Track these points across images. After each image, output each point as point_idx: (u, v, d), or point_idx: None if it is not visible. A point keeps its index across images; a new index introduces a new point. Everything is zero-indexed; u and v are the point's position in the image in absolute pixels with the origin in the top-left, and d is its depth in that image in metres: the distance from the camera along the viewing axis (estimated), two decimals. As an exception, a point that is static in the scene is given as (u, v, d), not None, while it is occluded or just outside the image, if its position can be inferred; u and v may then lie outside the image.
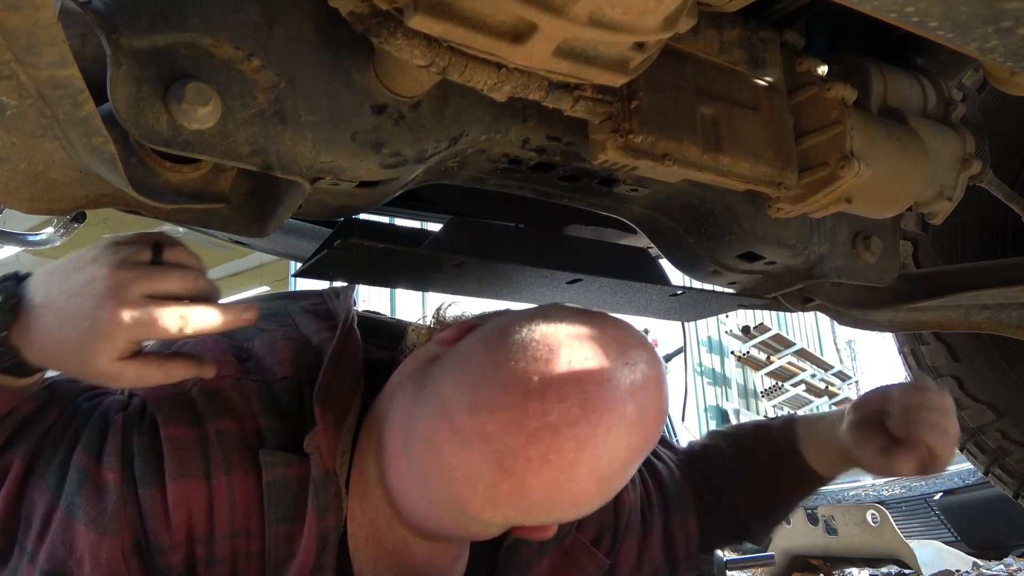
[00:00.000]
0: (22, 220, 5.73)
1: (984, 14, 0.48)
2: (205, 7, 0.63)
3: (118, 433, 0.77)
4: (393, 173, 0.76)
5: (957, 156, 1.05)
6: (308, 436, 0.79)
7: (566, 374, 0.68)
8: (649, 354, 0.75)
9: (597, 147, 0.78)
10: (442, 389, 0.73)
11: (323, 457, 0.79)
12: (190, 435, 0.77)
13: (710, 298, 1.17)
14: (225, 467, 0.77)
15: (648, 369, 0.73)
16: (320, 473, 0.79)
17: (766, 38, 0.89)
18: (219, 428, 0.78)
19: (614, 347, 0.71)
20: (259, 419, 0.80)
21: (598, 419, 0.67)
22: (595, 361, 0.69)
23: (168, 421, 0.78)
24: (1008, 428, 1.81)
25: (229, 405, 0.80)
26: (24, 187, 0.67)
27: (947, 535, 4.36)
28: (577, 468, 0.67)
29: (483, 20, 0.56)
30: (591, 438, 0.67)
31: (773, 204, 0.92)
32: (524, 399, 0.67)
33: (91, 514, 0.72)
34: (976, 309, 1.34)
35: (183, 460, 0.76)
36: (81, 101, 0.53)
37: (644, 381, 0.71)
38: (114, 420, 0.78)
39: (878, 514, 3.60)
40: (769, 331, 11.32)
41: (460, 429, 0.69)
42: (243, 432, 0.79)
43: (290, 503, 0.78)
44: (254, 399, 0.81)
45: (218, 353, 0.84)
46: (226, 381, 0.82)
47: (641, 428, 0.71)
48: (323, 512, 0.78)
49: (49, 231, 1.60)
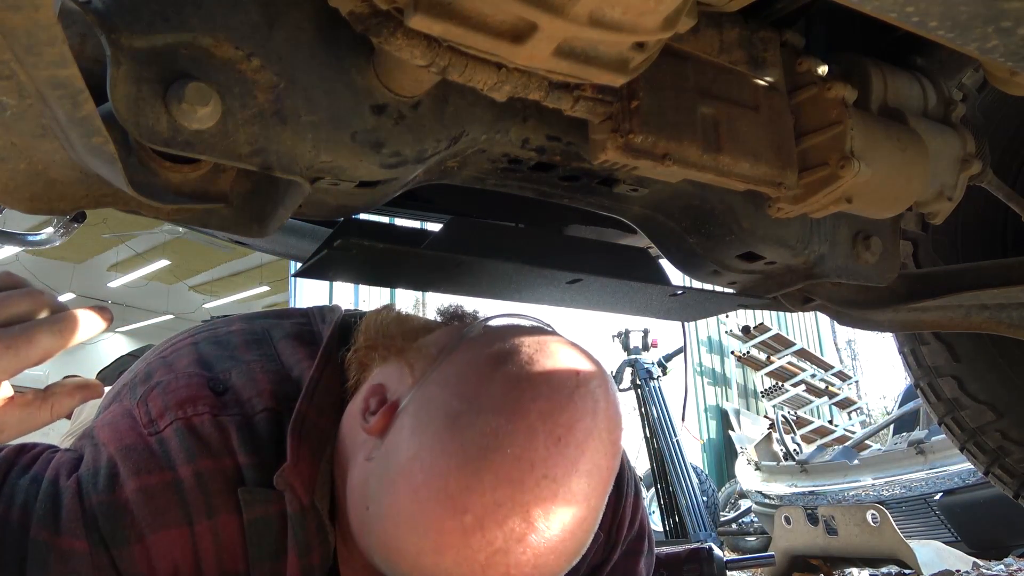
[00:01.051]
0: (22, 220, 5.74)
1: (984, 14, 0.48)
2: (205, 7, 0.63)
3: (74, 498, 0.71)
4: (393, 173, 0.76)
5: (957, 156, 1.05)
6: (278, 472, 0.75)
7: (500, 496, 0.63)
8: (587, 399, 0.69)
9: (597, 147, 0.77)
10: (384, 531, 0.69)
11: (297, 493, 0.76)
12: (164, 480, 0.73)
13: (710, 298, 1.17)
14: (207, 511, 0.74)
15: (589, 422, 0.68)
16: (296, 509, 0.75)
17: (766, 38, 0.89)
18: (197, 469, 0.74)
19: (544, 430, 0.65)
20: (238, 456, 0.77)
21: (546, 523, 0.64)
22: (526, 464, 0.64)
23: (139, 470, 0.73)
24: (1008, 428, 1.80)
25: (206, 443, 0.76)
26: (24, 187, 0.67)
27: (947, 535, 4.35)
28: (543, 568, 0.65)
29: (483, 20, 0.56)
30: (545, 542, 0.64)
31: (773, 204, 0.92)
32: (465, 537, 0.63)
33: None
34: (976, 309, 1.34)
35: (160, 510, 0.72)
36: (81, 101, 0.53)
37: (584, 448, 0.66)
38: (65, 488, 0.73)
39: (878, 514, 3.60)
40: (769, 331, 11.32)
41: (415, 568, 0.66)
42: (223, 470, 0.76)
43: (273, 540, 0.76)
44: (232, 435, 0.77)
45: (192, 388, 0.80)
46: (203, 418, 0.78)
47: (595, 491, 0.67)
48: (305, 549, 0.76)
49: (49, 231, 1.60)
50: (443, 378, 0.71)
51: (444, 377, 0.71)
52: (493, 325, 0.79)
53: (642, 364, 5.37)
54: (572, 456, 0.66)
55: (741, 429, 10.09)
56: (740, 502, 7.17)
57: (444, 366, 0.73)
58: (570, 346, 0.75)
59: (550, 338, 0.75)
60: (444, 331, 0.82)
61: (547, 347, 0.72)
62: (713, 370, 12.06)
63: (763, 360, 11.51)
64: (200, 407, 0.78)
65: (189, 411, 0.78)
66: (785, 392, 11.38)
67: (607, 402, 0.71)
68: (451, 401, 0.68)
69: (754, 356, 11.55)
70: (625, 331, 5.66)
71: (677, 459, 4.87)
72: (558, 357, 0.71)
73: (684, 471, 4.82)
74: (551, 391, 0.68)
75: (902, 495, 4.60)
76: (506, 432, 0.65)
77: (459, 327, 0.81)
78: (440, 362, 0.73)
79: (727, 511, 7.16)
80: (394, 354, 0.80)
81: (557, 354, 0.72)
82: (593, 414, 0.69)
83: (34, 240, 1.61)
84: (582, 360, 0.73)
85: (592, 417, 0.68)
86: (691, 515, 4.63)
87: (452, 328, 0.83)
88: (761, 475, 5.90)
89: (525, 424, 0.65)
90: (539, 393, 0.67)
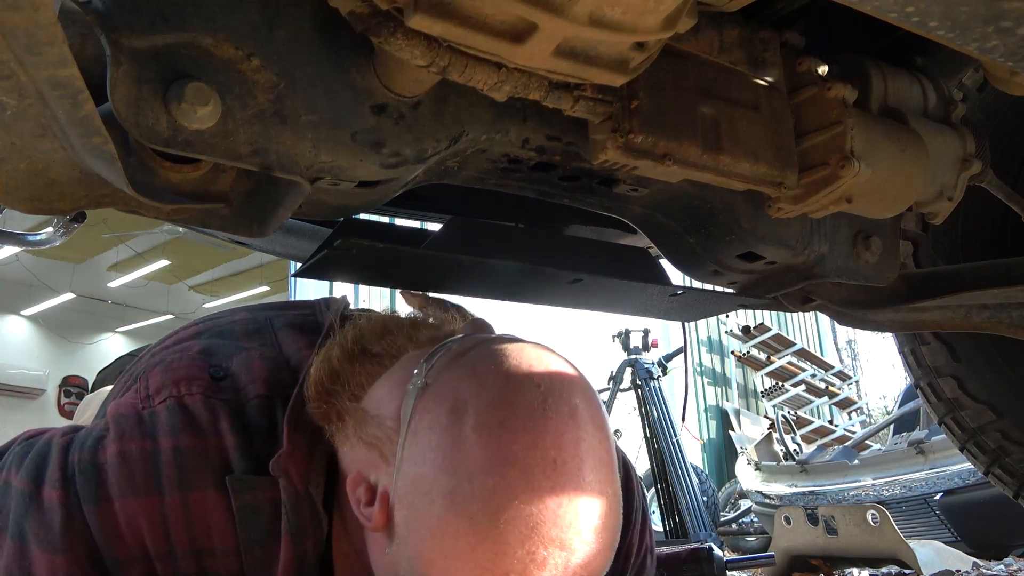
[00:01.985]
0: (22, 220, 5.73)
1: (984, 14, 0.48)
2: (205, 7, 0.63)
3: (59, 454, 0.75)
4: (393, 173, 0.75)
5: (957, 156, 1.05)
6: (274, 459, 0.76)
7: (531, 545, 0.64)
8: (560, 404, 0.69)
9: (597, 147, 0.77)
10: None
11: (292, 480, 0.77)
12: (143, 449, 0.75)
13: (710, 298, 1.17)
14: (180, 485, 0.74)
15: (572, 425, 0.68)
16: (290, 495, 0.76)
17: (766, 38, 0.89)
18: (177, 444, 0.76)
19: (537, 463, 0.65)
20: (224, 437, 0.78)
21: (581, 538, 0.65)
22: (538, 502, 0.64)
23: (122, 436, 0.76)
24: (1008, 428, 1.80)
25: (194, 422, 0.78)
26: (24, 187, 0.67)
27: (947, 535, 4.35)
28: (598, 559, 0.67)
29: (483, 20, 0.56)
30: (588, 548, 0.66)
31: (773, 204, 0.92)
32: None
33: (40, 535, 0.71)
34: (976, 309, 1.33)
35: (131, 477, 0.74)
36: (81, 101, 0.53)
37: (580, 453, 0.67)
38: (55, 445, 0.77)
39: (878, 514, 3.60)
40: (769, 331, 11.30)
41: None
42: (203, 449, 0.77)
43: (265, 525, 0.76)
44: (221, 417, 0.79)
45: (192, 370, 0.82)
46: (196, 398, 0.79)
47: (607, 478, 0.69)
48: (298, 535, 0.76)
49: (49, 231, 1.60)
50: (418, 455, 0.70)
51: (419, 454, 0.70)
52: (436, 366, 0.75)
53: (642, 364, 5.37)
54: (574, 468, 0.67)
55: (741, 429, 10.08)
56: (740, 502, 7.17)
57: (411, 440, 0.71)
58: (518, 352, 0.73)
59: (495, 353, 0.73)
60: (387, 386, 0.80)
61: (499, 370, 0.71)
62: (713, 370, 12.05)
63: (763, 360, 11.50)
64: (195, 387, 0.80)
65: (183, 390, 0.80)
66: (785, 392, 11.37)
67: (577, 392, 0.72)
68: (438, 478, 0.67)
69: (754, 356, 11.54)
70: (625, 331, 5.66)
71: (677, 459, 4.87)
72: (513, 376, 0.71)
73: (684, 471, 4.82)
74: (524, 420, 0.67)
75: (902, 495, 4.60)
76: (504, 486, 0.64)
77: (402, 376, 0.78)
78: (406, 436, 0.72)
79: (727, 511, 7.16)
80: (350, 428, 0.78)
81: (511, 373, 0.71)
82: (572, 416, 0.69)
83: (34, 240, 1.62)
84: (536, 362, 0.73)
85: (572, 419, 0.69)
86: (691, 515, 4.63)
87: (395, 379, 0.79)
88: (761, 475, 5.90)
89: (517, 468, 0.65)
90: (514, 427, 0.67)
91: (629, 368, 5.44)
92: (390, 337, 0.86)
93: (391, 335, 0.87)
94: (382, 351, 0.85)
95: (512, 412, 0.67)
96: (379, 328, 0.88)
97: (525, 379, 0.70)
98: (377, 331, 0.87)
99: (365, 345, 0.85)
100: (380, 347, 0.85)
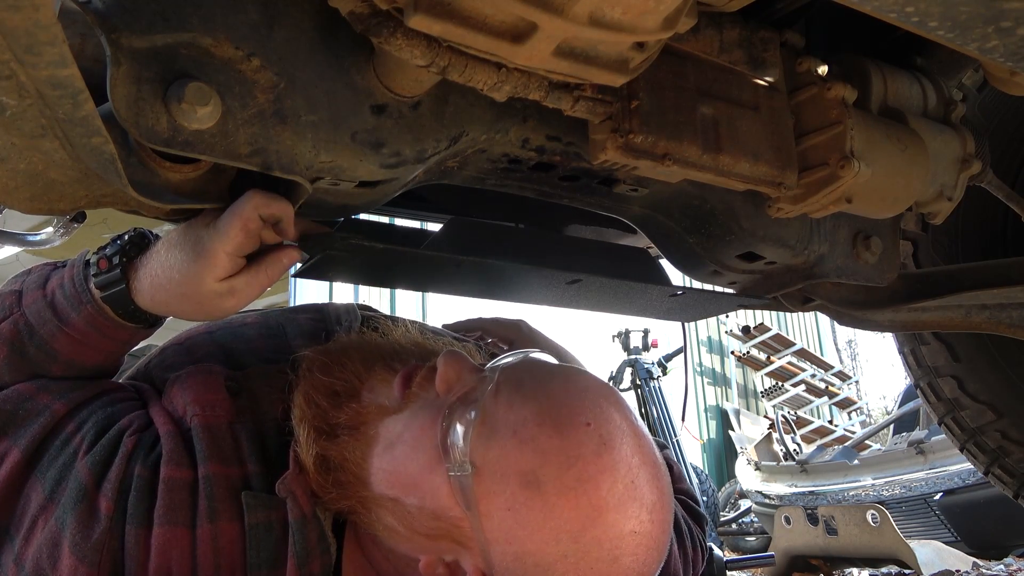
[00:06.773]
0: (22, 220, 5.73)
1: (984, 14, 0.48)
2: (205, 7, 0.63)
3: (123, 460, 0.75)
4: (393, 173, 0.75)
5: (957, 156, 1.05)
6: (280, 480, 0.77)
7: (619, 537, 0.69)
8: (600, 425, 0.71)
9: (597, 147, 0.77)
10: None
11: (299, 500, 0.77)
12: (186, 478, 0.76)
13: (710, 298, 1.17)
14: (210, 515, 0.75)
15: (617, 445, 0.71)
16: (297, 516, 0.76)
17: (766, 38, 0.89)
18: (207, 472, 0.76)
19: (600, 493, 0.68)
20: (247, 464, 0.79)
21: (648, 513, 0.71)
22: (613, 516, 0.69)
23: (170, 460, 0.76)
24: (1008, 428, 1.80)
25: (219, 448, 0.78)
26: (24, 187, 0.67)
27: (947, 535, 4.35)
28: (664, 521, 0.72)
29: (483, 20, 0.56)
30: (652, 511, 0.71)
31: (773, 204, 0.92)
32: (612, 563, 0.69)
33: (76, 539, 0.71)
34: (976, 309, 1.33)
35: (173, 506, 0.74)
36: (81, 101, 0.53)
37: (627, 461, 0.71)
38: (124, 444, 0.77)
39: (878, 514, 3.60)
40: (769, 331, 11.30)
41: None
42: (230, 477, 0.77)
43: (272, 547, 0.76)
44: (244, 443, 0.80)
45: (212, 388, 0.83)
46: (220, 421, 0.80)
47: (662, 499, 0.73)
48: (304, 559, 0.76)
49: (49, 231, 1.59)
50: (507, 535, 0.70)
51: (508, 534, 0.70)
52: (468, 440, 0.72)
53: (642, 364, 5.37)
54: (642, 478, 0.71)
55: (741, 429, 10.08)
56: (740, 502, 7.17)
57: (488, 523, 0.70)
58: (536, 395, 0.73)
59: (521, 408, 0.72)
60: (404, 462, 0.76)
61: (545, 429, 0.70)
62: (713, 370, 12.05)
63: (763, 360, 11.50)
64: (218, 410, 0.81)
65: (208, 411, 0.81)
66: (785, 392, 11.37)
67: (608, 403, 0.74)
68: (545, 549, 0.69)
69: (754, 356, 11.54)
70: (625, 331, 5.66)
71: (677, 459, 4.87)
72: (559, 426, 0.70)
73: (684, 471, 4.82)
74: (594, 464, 0.69)
75: (902, 495, 4.59)
76: (609, 528, 0.68)
77: (409, 451, 0.76)
78: (480, 522, 0.71)
79: (727, 511, 7.16)
80: (387, 518, 0.76)
81: (556, 425, 0.70)
82: (621, 432, 0.72)
83: (34, 240, 1.61)
84: (560, 395, 0.73)
85: (623, 434, 0.72)
86: (691, 515, 4.62)
87: (407, 455, 0.76)
88: (761, 475, 5.90)
89: (611, 509, 0.68)
90: (589, 476, 0.69)
91: (629, 368, 5.44)
92: (349, 404, 0.82)
93: (349, 398, 0.83)
94: (348, 422, 0.81)
95: (582, 463, 0.69)
96: (326, 391, 0.84)
97: (569, 422, 0.70)
98: (326, 395, 0.83)
99: (330, 421, 0.81)
100: (344, 417, 0.81)
